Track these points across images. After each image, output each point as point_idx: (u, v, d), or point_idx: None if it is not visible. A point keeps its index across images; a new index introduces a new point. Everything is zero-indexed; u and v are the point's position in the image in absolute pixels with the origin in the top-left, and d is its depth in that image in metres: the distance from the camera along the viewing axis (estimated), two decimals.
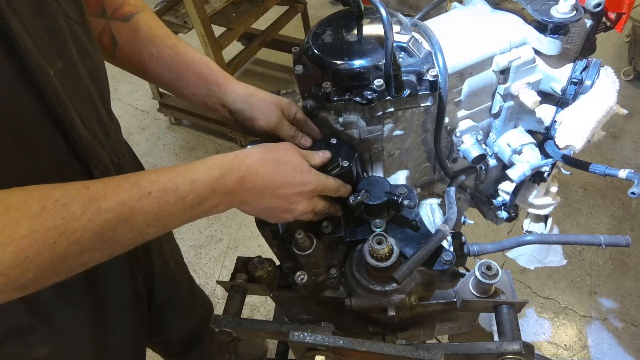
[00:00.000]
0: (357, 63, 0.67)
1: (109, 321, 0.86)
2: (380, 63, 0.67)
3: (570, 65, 0.74)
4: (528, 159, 0.83)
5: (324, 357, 0.67)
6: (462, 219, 1.03)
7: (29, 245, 0.43)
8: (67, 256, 0.46)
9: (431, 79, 0.68)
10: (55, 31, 0.60)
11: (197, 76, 0.78)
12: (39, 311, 0.70)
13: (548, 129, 0.81)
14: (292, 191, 0.64)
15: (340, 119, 0.73)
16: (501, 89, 0.77)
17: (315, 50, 0.70)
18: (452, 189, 0.87)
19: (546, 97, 0.79)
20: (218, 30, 2.23)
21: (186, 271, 1.31)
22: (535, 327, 1.81)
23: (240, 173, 0.60)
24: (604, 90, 0.71)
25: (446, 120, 0.79)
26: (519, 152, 0.84)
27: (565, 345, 1.76)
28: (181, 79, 0.79)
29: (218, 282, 0.80)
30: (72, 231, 0.46)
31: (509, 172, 0.86)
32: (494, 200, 0.99)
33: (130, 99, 3.00)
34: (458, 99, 0.78)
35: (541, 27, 0.72)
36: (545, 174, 0.88)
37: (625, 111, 0.73)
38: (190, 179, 0.55)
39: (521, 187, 0.92)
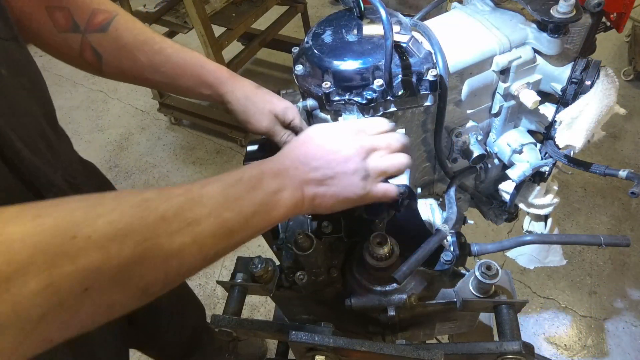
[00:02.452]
0: (357, 63, 0.67)
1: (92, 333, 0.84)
2: (380, 63, 0.67)
3: (570, 65, 0.74)
4: (528, 159, 0.83)
5: (324, 357, 0.67)
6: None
7: (120, 218, 0.40)
8: (156, 230, 0.42)
9: (431, 79, 0.68)
10: None
11: (193, 79, 0.77)
12: None
13: (548, 129, 0.81)
14: (351, 130, 0.59)
15: (340, 119, 0.73)
16: (501, 88, 0.77)
17: (315, 50, 0.70)
18: (452, 189, 0.87)
19: (546, 97, 0.79)
20: (218, 30, 2.23)
21: None
22: (535, 327, 1.81)
23: (281, 153, 0.58)
24: (604, 90, 0.71)
25: (446, 120, 0.79)
26: (519, 152, 0.84)
27: (565, 345, 1.76)
28: (178, 84, 0.78)
29: (218, 282, 0.80)
30: (154, 207, 0.43)
31: (509, 172, 0.86)
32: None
33: (130, 99, 3.01)
34: (458, 99, 0.78)
35: (541, 27, 0.72)
36: (545, 174, 0.88)
37: (624, 111, 0.73)
38: (240, 170, 0.53)
39: (521, 187, 0.92)
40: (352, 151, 0.57)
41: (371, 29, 0.71)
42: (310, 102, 0.76)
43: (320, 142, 0.57)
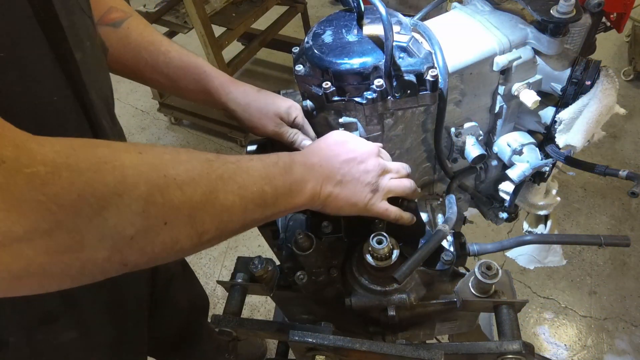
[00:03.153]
0: (357, 63, 0.67)
1: (125, 306, 0.87)
2: (380, 63, 0.67)
3: (570, 66, 0.74)
4: (528, 159, 0.83)
5: (324, 357, 0.67)
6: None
7: (193, 168, 0.46)
8: (216, 185, 0.48)
9: (431, 79, 0.68)
10: (76, 25, 0.60)
11: (194, 83, 0.78)
12: (67, 296, 0.70)
13: (548, 129, 0.81)
14: (370, 152, 0.66)
15: (340, 119, 0.73)
16: (501, 89, 0.77)
17: (315, 50, 0.70)
18: (452, 188, 0.87)
19: (546, 97, 0.79)
20: (218, 30, 2.23)
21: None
22: (535, 327, 1.81)
23: (311, 148, 0.65)
24: (604, 91, 0.71)
25: (446, 120, 0.79)
26: (519, 152, 0.84)
27: (565, 345, 1.76)
28: (179, 86, 0.79)
29: (218, 282, 0.80)
30: (215, 167, 0.49)
31: (509, 172, 0.86)
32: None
33: (130, 99, 3.00)
34: (458, 99, 0.78)
35: (541, 27, 0.72)
36: (545, 174, 0.88)
37: (624, 111, 0.73)
38: (275, 154, 0.59)
39: (521, 187, 0.92)
40: (373, 166, 0.64)
41: (371, 29, 0.71)
42: (310, 102, 0.76)
43: (351, 148, 0.64)
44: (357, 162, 0.63)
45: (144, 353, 1.01)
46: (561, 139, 0.74)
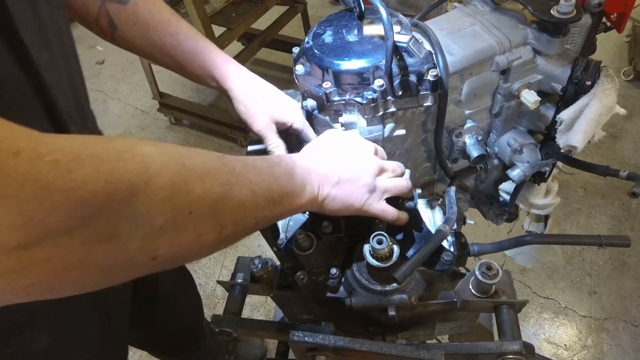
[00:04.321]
0: (358, 63, 0.67)
1: (108, 300, 0.85)
2: (381, 63, 0.67)
3: (570, 66, 0.74)
4: (528, 159, 0.83)
5: (325, 357, 0.67)
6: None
7: (208, 160, 0.46)
8: (231, 178, 0.48)
9: (432, 79, 0.68)
10: (44, 22, 0.58)
11: (200, 69, 0.78)
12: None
13: (548, 129, 0.81)
14: (367, 152, 0.66)
15: (341, 119, 0.73)
16: (502, 89, 0.77)
17: (316, 50, 0.70)
18: (452, 188, 0.87)
19: (546, 97, 0.79)
20: (218, 30, 2.23)
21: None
22: (535, 327, 1.81)
23: (309, 150, 0.64)
24: (604, 91, 0.71)
25: (446, 120, 0.79)
26: (519, 152, 0.84)
27: (565, 345, 1.76)
28: (186, 70, 0.79)
29: (218, 282, 0.80)
30: (227, 161, 0.49)
31: (509, 172, 0.86)
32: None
33: (130, 99, 3.00)
34: (458, 99, 0.78)
35: (541, 27, 0.72)
36: (546, 174, 0.88)
37: (624, 111, 0.73)
38: (276, 155, 0.59)
39: (521, 187, 0.92)
40: (369, 166, 0.63)
41: (371, 29, 0.71)
42: (311, 103, 0.76)
43: (347, 148, 0.64)
44: (353, 163, 0.63)
45: (126, 351, 1.00)
46: (561, 139, 0.74)
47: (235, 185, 0.48)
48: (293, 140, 0.80)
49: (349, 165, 0.62)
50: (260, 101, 0.78)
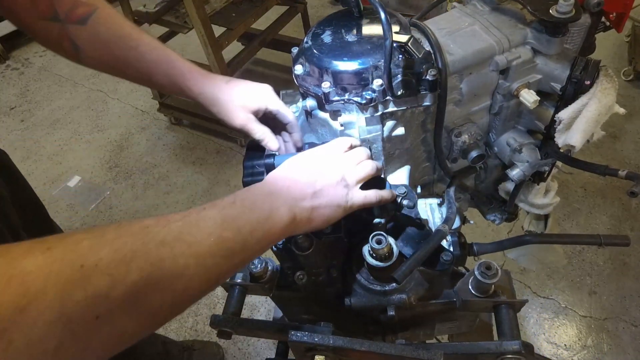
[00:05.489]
0: (357, 63, 0.67)
1: None
2: (380, 63, 0.67)
3: (569, 65, 0.74)
4: (527, 159, 0.83)
5: (324, 357, 0.67)
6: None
7: (123, 245, 0.41)
8: (158, 254, 0.43)
9: (431, 79, 0.68)
10: None
11: (166, 78, 0.77)
12: None
13: (547, 128, 0.81)
14: (325, 152, 0.66)
15: (340, 119, 0.73)
16: (501, 88, 0.77)
17: (315, 50, 0.70)
18: (452, 188, 0.87)
19: (546, 96, 0.79)
20: (218, 30, 2.23)
21: None
22: (535, 327, 1.81)
23: (270, 177, 0.62)
24: (604, 90, 0.71)
25: (446, 120, 0.79)
26: (519, 152, 0.84)
27: (565, 345, 1.76)
28: (152, 81, 0.79)
29: None
30: (155, 233, 0.44)
31: (508, 171, 0.86)
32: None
33: (130, 99, 3.00)
34: (458, 99, 0.78)
35: (541, 27, 0.72)
36: (545, 174, 0.88)
37: (624, 111, 0.73)
38: (232, 194, 0.55)
39: (521, 187, 0.92)
40: (331, 167, 0.63)
41: (370, 29, 0.71)
42: (310, 102, 0.76)
43: (306, 161, 0.64)
44: (317, 170, 0.62)
45: None
46: (560, 139, 0.74)
47: (165, 260, 0.43)
48: (277, 122, 0.79)
49: (318, 174, 0.62)
50: (230, 98, 0.77)
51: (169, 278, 0.43)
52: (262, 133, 0.75)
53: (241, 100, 0.76)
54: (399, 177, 0.83)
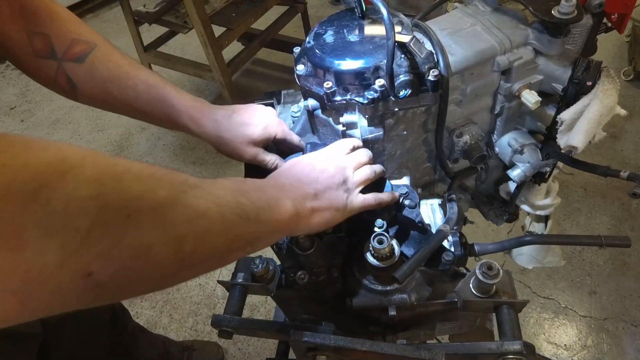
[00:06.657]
0: (359, 63, 0.67)
1: None
2: (382, 63, 0.67)
3: (571, 66, 0.74)
4: (529, 160, 0.83)
5: (325, 357, 0.67)
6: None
7: (152, 167, 0.41)
8: (183, 187, 0.43)
9: (432, 79, 0.68)
10: None
11: (165, 117, 0.77)
12: None
13: (549, 129, 0.81)
14: (328, 154, 0.67)
15: (342, 119, 0.73)
16: (502, 89, 0.77)
17: (317, 50, 0.70)
18: (453, 189, 0.87)
19: (547, 97, 0.79)
20: (218, 30, 2.23)
21: None
22: (535, 327, 1.81)
23: (276, 174, 0.64)
24: (605, 91, 0.71)
25: (447, 120, 0.79)
26: (520, 153, 0.84)
27: (565, 345, 1.76)
28: (151, 118, 0.78)
29: (219, 281, 0.80)
30: (177, 174, 0.44)
31: (509, 172, 0.86)
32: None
33: None
34: (459, 99, 0.78)
35: (542, 28, 0.72)
36: (546, 175, 0.88)
37: (625, 112, 0.73)
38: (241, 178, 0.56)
39: (522, 188, 0.92)
40: (334, 169, 0.65)
41: (373, 29, 0.71)
42: (312, 102, 0.76)
43: (309, 163, 0.65)
44: (321, 171, 0.64)
45: None
46: (562, 140, 0.74)
47: (190, 194, 0.42)
48: (285, 145, 0.80)
49: (318, 175, 0.63)
50: (234, 134, 0.76)
51: (193, 212, 0.42)
52: (272, 162, 0.77)
53: (246, 136, 0.75)
54: (399, 178, 0.83)
